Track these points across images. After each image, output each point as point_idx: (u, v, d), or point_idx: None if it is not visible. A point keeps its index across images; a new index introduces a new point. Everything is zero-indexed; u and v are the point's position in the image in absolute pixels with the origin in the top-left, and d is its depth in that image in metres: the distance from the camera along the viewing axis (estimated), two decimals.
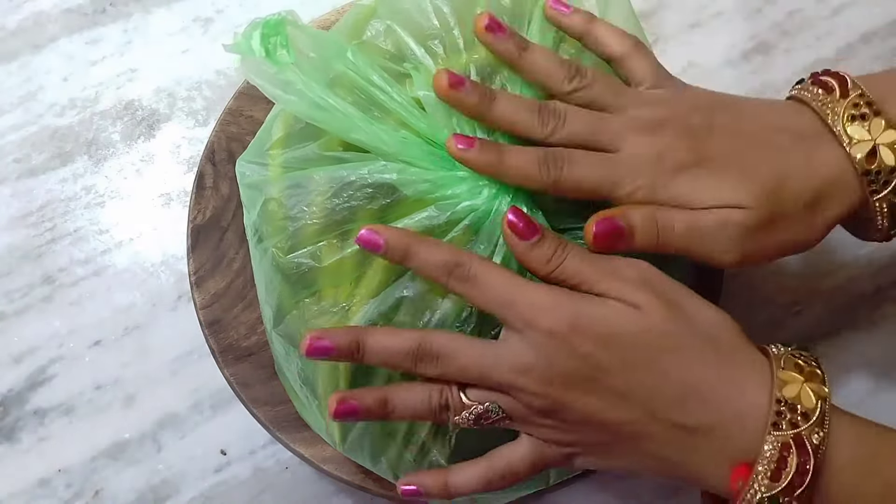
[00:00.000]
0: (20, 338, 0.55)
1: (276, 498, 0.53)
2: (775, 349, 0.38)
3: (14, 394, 0.54)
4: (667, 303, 0.37)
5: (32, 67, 0.61)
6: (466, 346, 0.38)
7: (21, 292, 0.56)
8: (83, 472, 0.53)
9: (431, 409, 0.38)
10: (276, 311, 0.42)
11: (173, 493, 0.53)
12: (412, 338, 0.38)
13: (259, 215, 0.42)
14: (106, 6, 0.63)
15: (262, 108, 0.52)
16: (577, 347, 0.36)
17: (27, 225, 0.57)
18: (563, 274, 0.38)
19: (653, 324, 0.37)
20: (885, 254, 0.59)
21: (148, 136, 0.60)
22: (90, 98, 0.60)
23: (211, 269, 0.50)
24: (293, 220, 0.40)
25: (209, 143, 0.52)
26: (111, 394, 0.54)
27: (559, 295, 0.37)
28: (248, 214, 0.43)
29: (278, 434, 0.47)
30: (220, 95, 0.61)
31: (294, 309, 0.41)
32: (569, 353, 0.36)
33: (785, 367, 0.37)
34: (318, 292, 0.41)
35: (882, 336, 0.57)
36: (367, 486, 0.47)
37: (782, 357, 0.37)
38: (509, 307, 0.37)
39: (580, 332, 0.36)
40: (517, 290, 0.37)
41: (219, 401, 0.54)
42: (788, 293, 0.58)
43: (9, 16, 0.62)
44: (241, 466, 0.53)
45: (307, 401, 0.43)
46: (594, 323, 0.37)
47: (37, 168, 0.59)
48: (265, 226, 0.42)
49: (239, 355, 0.48)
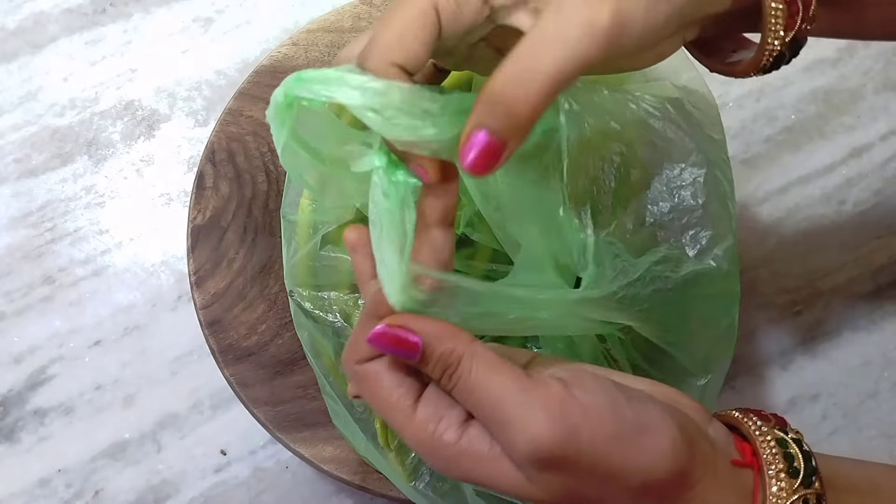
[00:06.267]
0: (20, 338, 0.55)
1: (276, 498, 0.53)
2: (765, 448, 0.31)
3: (14, 394, 0.54)
4: (559, 483, 0.29)
5: (32, 67, 0.61)
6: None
7: (21, 292, 0.56)
8: (83, 472, 0.53)
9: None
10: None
11: (173, 493, 0.53)
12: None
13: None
14: (106, 6, 0.63)
15: (261, 108, 0.52)
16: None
17: (27, 225, 0.57)
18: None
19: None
20: (885, 254, 0.59)
21: (148, 136, 0.60)
22: (90, 98, 0.60)
23: (211, 269, 0.50)
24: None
25: (209, 143, 0.52)
26: (111, 394, 0.54)
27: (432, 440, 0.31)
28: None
29: (278, 434, 0.47)
30: (220, 95, 0.61)
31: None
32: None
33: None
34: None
35: (882, 336, 0.57)
36: (367, 486, 0.47)
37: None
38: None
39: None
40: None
41: (219, 401, 0.54)
42: (788, 293, 0.58)
43: (9, 16, 0.62)
44: (241, 466, 0.53)
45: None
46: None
47: (37, 168, 0.59)
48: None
49: (239, 355, 0.48)
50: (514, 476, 0.30)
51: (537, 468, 0.29)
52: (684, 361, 0.40)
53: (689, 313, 0.39)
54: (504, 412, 0.29)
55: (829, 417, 0.56)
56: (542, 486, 0.29)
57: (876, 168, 0.61)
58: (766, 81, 0.63)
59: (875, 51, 0.64)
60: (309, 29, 0.53)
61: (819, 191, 0.60)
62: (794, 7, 0.32)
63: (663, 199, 0.41)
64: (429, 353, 0.30)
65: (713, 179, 0.41)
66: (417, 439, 0.31)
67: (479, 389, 0.29)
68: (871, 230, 0.60)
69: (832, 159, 0.61)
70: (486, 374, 0.30)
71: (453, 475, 0.31)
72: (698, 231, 0.41)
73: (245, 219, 0.51)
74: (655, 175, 0.41)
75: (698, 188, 0.41)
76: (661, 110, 0.41)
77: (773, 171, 0.61)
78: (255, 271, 0.50)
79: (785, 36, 0.33)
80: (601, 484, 0.29)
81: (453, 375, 0.30)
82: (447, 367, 0.30)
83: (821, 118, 0.62)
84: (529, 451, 0.28)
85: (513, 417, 0.29)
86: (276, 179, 0.51)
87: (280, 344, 0.49)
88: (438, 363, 0.30)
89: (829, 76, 0.63)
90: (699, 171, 0.41)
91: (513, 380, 0.29)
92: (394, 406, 0.31)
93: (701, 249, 0.40)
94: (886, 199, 0.60)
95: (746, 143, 0.61)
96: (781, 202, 0.60)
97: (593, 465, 0.29)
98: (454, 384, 0.30)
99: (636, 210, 0.41)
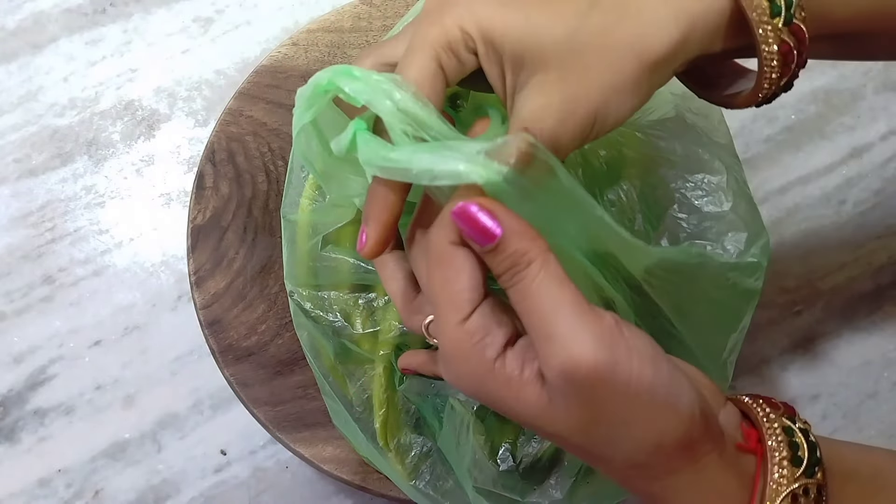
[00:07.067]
0: (20, 338, 0.55)
1: (276, 498, 0.53)
2: (771, 436, 0.31)
3: (14, 394, 0.54)
4: (580, 410, 0.30)
5: (32, 67, 0.61)
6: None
7: (21, 292, 0.56)
8: (83, 472, 0.53)
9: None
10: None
11: (173, 493, 0.53)
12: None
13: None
14: (106, 6, 0.63)
15: (261, 108, 0.52)
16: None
17: (27, 225, 0.57)
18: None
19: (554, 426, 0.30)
20: (885, 254, 0.59)
21: (148, 136, 0.60)
22: (90, 98, 0.60)
23: (211, 269, 0.50)
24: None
25: (209, 143, 0.52)
26: (111, 394, 0.54)
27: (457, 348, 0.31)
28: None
29: (278, 434, 0.47)
30: (220, 95, 0.61)
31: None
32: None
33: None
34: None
35: (882, 336, 0.57)
36: (367, 486, 0.47)
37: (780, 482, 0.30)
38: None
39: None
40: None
41: (219, 401, 0.54)
42: (788, 293, 0.58)
43: (9, 16, 0.62)
44: (241, 466, 0.53)
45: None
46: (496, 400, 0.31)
47: (37, 168, 0.59)
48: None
49: (239, 355, 0.48)
50: (535, 400, 0.30)
51: (566, 388, 0.29)
52: (699, 351, 0.41)
53: (719, 297, 0.40)
54: (554, 325, 0.29)
55: (829, 417, 0.56)
56: (561, 411, 0.29)
57: (876, 168, 0.61)
58: None
59: None
60: (309, 29, 0.53)
61: (819, 191, 0.60)
62: (789, 57, 0.32)
63: (692, 211, 0.41)
64: (504, 245, 0.30)
65: (734, 182, 0.42)
66: (457, 344, 0.31)
67: (537, 297, 0.29)
68: (871, 230, 0.60)
69: (832, 159, 0.61)
70: (548, 285, 0.30)
71: (473, 391, 0.31)
72: (734, 234, 0.41)
73: (245, 219, 0.51)
74: (678, 190, 0.42)
75: (723, 193, 0.42)
76: (665, 131, 0.42)
77: (773, 171, 0.61)
78: (255, 271, 0.50)
79: (780, 79, 0.33)
80: (618, 427, 0.29)
81: (517, 274, 0.30)
82: (515, 265, 0.30)
83: (821, 118, 0.62)
84: (567, 367, 0.28)
85: (560, 332, 0.29)
86: (277, 179, 0.51)
87: (280, 344, 0.49)
88: (509, 258, 0.30)
89: (829, 76, 0.63)
90: (719, 177, 0.42)
91: (572, 299, 0.29)
92: (455, 301, 0.31)
93: (740, 252, 0.40)
94: (886, 199, 0.60)
95: (746, 143, 0.61)
96: (781, 202, 0.60)
97: (620, 403, 0.29)
98: (515, 283, 0.30)
99: (668, 227, 0.41)
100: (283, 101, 0.52)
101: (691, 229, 0.41)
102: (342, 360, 0.45)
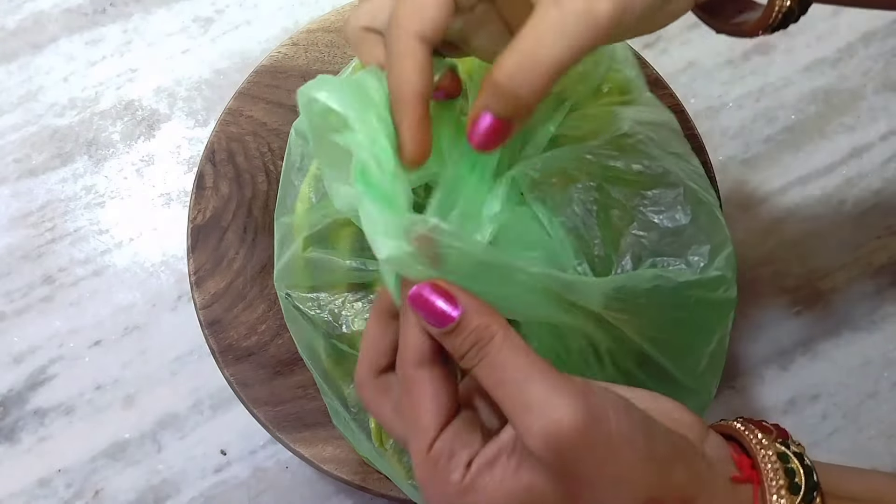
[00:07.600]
0: (20, 338, 0.55)
1: (276, 498, 0.53)
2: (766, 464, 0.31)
3: (14, 394, 0.54)
4: (568, 481, 0.29)
5: (32, 67, 0.61)
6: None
7: (21, 292, 0.56)
8: (83, 472, 0.53)
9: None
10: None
11: (173, 493, 0.53)
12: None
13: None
14: (106, 6, 0.63)
15: (261, 108, 0.52)
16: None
17: (27, 225, 0.57)
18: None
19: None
20: (885, 254, 0.59)
21: (148, 136, 0.60)
22: (90, 98, 0.60)
23: (211, 269, 0.50)
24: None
25: (209, 143, 0.52)
26: (111, 394, 0.54)
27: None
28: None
29: (278, 434, 0.47)
30: (220, 95, 0.61)
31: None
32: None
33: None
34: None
35: (882, 336, 0.57)
36: (367, 486, 0.47)
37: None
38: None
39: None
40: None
41: (219, 401, 0.54)
42: (788, 293, 0.58)
43: (9, 16, 0.62)
44: (241, 466, 0.53)
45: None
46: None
47: (37, 168, 0.59)
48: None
49: (239, 355, 0.48)
50: (514, 487, 0.29)
51: (548, 457, 0.28)
52: (675, 370, 0.40)
53: (684, 316, 0.39)
54: (528, 393, 0.28)
55: (829, 417, 0.56)
56: (549, 487, 0.29)
57: (876, 168, 0.61)
58: (767, 81, 0.63)
59: (875, 51, 0.64)
60: (309, 29, 0.53)
61: (819, 191, 0.60)
62: None
63: (650, 227, 0.40)
64: (465, 322, 0.29)
65: (691, 193, 0.41)
66: (423, 472, 0.30)
67: (506, 368, 0.29)
68: (871, 230, 0.60)
69: (832, 159, 0.61)
70: (515, 355, 0.29)
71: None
72: (696, 248, 0.40)
73: (245, 219, 0.51)
74: (636, 208, 0.41)
75: (680, 206, 0.40)
76: (617, 149, 0.41)
77: (773, 171, 0.61)
78: (255, 271, 0.50)
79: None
80: (609, 488, 0.28)
81: (483, 349, 0.29)
82: (479, 341, 0.29)
83: (821, 118, 0.62)
84: (550, 432, 0.27)
85: (536, 399, 0.28)
86: (276, 179, 0.51)
87: (280, 344, 0.49)
88: (472, 334, 0.29)
89: (829, 76, 0.63)
90: (676, 190, 0.41)
91: (540, 365, 0.29)
92: (420, 427, 0.30)
93: (705, 266, 0.40)
94: (886, 199, 0.60)
95: (746, 143, 0.61)
96: (781, 202, 0.60)
97: (607, 461, 0.28)
98: (481, 358, 0.29)
99: (630, 247, 0.40)
100: (283, 101, 0.52)
101: (652, 247, 0.40)
102: (336, 360, 0.45)
